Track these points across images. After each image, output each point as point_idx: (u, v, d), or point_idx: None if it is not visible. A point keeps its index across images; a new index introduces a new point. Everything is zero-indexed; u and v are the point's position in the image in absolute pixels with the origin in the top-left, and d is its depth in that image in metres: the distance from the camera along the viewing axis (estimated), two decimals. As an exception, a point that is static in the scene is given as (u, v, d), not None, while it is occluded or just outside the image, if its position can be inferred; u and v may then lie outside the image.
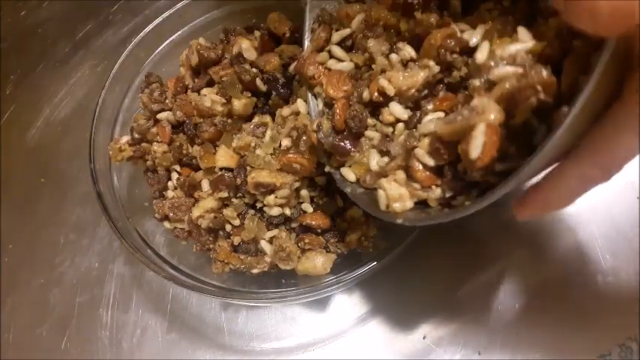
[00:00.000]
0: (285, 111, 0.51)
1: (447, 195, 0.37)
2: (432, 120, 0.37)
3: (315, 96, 0.47)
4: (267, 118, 0.52)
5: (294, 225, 0.51)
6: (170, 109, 0.54)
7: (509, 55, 0.33)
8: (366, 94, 0.41)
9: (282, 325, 0.56)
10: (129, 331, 0.57)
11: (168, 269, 0.51)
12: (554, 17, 0.32)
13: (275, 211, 0.49)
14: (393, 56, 0.41)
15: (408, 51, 0.40)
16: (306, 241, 0.49)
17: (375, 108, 0.42)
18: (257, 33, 0.57)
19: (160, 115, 0.54)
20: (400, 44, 0.41)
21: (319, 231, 0.50)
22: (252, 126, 0.52)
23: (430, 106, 0.39)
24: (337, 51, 0.45)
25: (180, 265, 0.52)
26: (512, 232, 0.58)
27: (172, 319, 0.57)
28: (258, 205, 0.50)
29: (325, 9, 0.46)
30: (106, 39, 0.77)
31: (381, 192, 0.39)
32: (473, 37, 0.37)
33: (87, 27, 0.78)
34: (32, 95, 0.74)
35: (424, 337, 0.53)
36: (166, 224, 0.54)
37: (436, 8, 0.40)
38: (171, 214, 0.52)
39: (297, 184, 0.49)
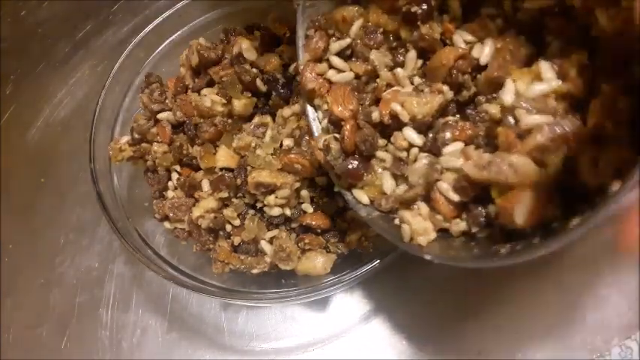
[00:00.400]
0: (287, 111, 0.51)
1: (473, 230, 0.36)
2: (456, 153, 0.36)
3: (316, 108, 0.45)
4: (268, 119, 0.52)
5: (294, 225, 0.51)
6: (170, 109, 0.54)
7: (535, 97, 0.32)
8: (375, 115, 0.40)
9: (282, 325, 0.56)
10: (129, 331, 0.57)
11: (168, 269, 0.51)
12: (576, 53, 0.32)
13: (275, 212, 0.49)
14: (399, 71, 0.40)
15: (412, 66, 0.40)
16: (306, 241, 0.49)
17: (384, 127, 0.40)
18: (257, 33, 0.57)
19: (160, 115, 0.54)
20: (402, 52, 0.40)
21: (319, 231, 0.50)
22: (252, 126, 0.52)
23: (448, 135, 0.37)
24: (337, 61, 0.43)
25: (180, 265, 0.52)
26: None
27: (172, 319, 0.57)
28: (259, 205, 0.50)
29: (319, 17, 0.44)
30: (106, 39, 0.77)
31: (405, 226, 0.39)
32: (482, 55, 0.36)
33: (87, 27, 0.78)
34: (32, 95, 0.74)
35: (424, 338, 0.53)
36: (166, 224, 0.54)
37: (437, 14, 0.39)
38: (171, 214, 0.52)
39: (297, 184, 0.48)
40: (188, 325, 0.57)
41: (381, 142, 0.41)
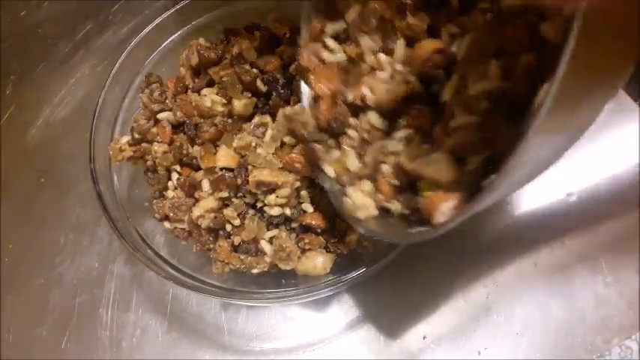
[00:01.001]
0: (288, 111, 0.51)
1: (405, 212, 0.39)
2: (401, 140, 0.39)
3: (309, 85, 0.47)
4: (268, 118, 0.52)
5: (294, 225, 0.51)
6: (170, 109, 0.54)
7: (474, 95, 0.34)
8: (350, 96, 0.42)
9: (282, 325, 0.56)
10: (129, 331, 0.57)
11: (168, 269, 0.51)
12: (526, 53, 0.32)
13: (275, 211, 0.49)
14: (382, 56, 0.42)
15: (399, 54, 0.41)
16: (306, 241, 0.49)
17: (358, 108, 0.43)
18: (257, 33, 0.57)
19: (160, 115, 0.54)
20: (392, 39, 0.41)
21: (319, 231, 0.50)
22: (252, 126, 0.52)
23: (404, 122, 0.40)
24: (330, 43, 0.45)
25: (180, 265, 0.52)
26: (512, 234, 0.58)
27: (172, 319, 0.57)
28: (259, 205, 0.50)
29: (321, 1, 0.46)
30: (106, 39, 0.77)
31: (347, 199, 0.42)
32: (460, 50, 0.37)
33: (87, 27, 0.78)
34: (32, 95, 0.74)
35: (424, 337, 0.53)
36: (166, 224, 0.53)
37: (433, 6, 0.40)
38: (171, 214, 0.52)
39: (298, 184, 0.49)
40: (188, 325, 0.57)
41: (355, 121, 0.43)
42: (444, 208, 0.34)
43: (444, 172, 0.34)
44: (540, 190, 0.59)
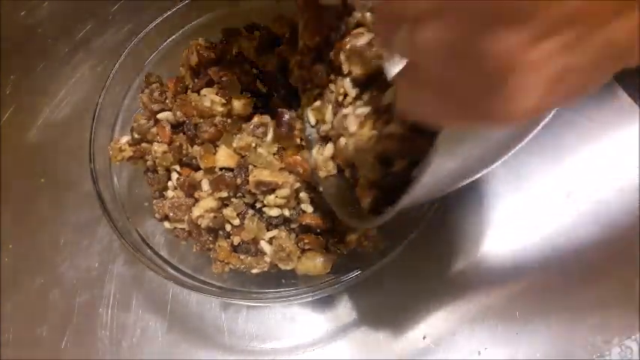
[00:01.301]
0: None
1: (351, 181, 0.44)
2: (358, 117, 0.41)
3: None
4: (267, 119, 0.52)
5: (293, 225, 0.51)
6: (170, 109, 0.54)
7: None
8: (331, 54, 0.44)
9: (282, 325, 0.56)
10: (129, 331, 0.57)
11: (168, 269, 0.51)
12: None
13: (275, 212, 0.49)
14: (368, 15, 0.43)
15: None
16: (306, 241, 0.49)
17: (338, 69, 0.44)
18: (257, 33, 0.57)
19: (160, 115, 0.54)
20: None
21: (319, 231, 0.50)
22: (251, 126, 0.52)
23: (365, 98, 0.41)
24: None
25: (180, 265, 0.52)
26: (512, 234, 0.58)
27: (172, 319, 0.57)
28: (258, 205, 0.50)
29: None
30: (106, 39, 0.77)
31: (312, 158, 0.46)
32: None
33: (87, 27, 0.78)
34: (32, 95, 0.74)
35: (424, 337, 0.53)
36: (166, 224, 0.53)
37: None
38: (171, 214, 0.52)
39: (297, 185, 0.49)
40: (188, 325, 0.57)
41: (336, 80, 0.45)
42: (365, 203, 0.39)
43: (370, 172, 0.39)
44: (540, 190, 0.59)
